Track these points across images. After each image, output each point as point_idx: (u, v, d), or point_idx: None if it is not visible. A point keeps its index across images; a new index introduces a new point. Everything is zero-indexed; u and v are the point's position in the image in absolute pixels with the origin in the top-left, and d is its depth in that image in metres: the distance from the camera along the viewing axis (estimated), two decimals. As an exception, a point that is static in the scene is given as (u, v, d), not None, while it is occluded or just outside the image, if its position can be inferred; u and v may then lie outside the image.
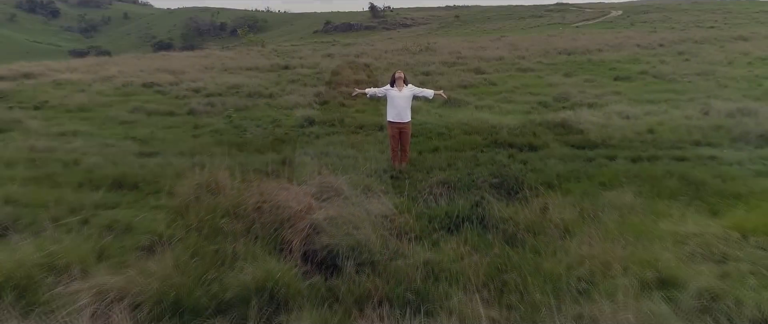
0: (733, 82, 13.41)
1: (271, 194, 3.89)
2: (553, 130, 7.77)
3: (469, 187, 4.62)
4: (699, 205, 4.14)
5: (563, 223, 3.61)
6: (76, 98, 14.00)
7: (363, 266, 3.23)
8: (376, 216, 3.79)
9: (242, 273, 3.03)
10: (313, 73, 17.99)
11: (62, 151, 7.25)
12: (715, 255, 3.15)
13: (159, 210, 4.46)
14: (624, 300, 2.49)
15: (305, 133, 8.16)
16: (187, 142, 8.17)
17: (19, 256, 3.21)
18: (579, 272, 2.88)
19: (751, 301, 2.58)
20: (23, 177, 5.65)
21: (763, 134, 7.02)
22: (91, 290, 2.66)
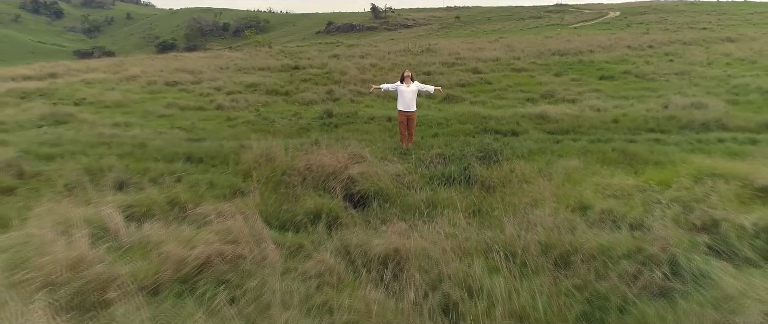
0: (704, 81, 14.96)
1: (316, 159, 5.47)
2: (533, 120, 9.34)
3: (460, 158, 6.18)
4: (627, 169, 5.71)
5: (524, 177, 5.18)
6: (110, 96, 15.60)
7: (384, 203, 4.80)
8: (391, 174, 5.36)
9: (306, 205, 4.60)
10: (322, 73, 19.58)
11: (126, 137, 8.82)
12: (622, 195, 4.71)
13: (228, 174, 6.03)
14: (551, 213, 4.06)
15: (325, 124, 9.74)
16: (225, 130, 9.75)
17: (152, 197, 4.79)
18: (527, 202, 4.44)
19: (632, 215, 4.14)
20: (110, 154, 7.21)
21: (705, 122, 8.59)
22: (216, 210, 4.22)
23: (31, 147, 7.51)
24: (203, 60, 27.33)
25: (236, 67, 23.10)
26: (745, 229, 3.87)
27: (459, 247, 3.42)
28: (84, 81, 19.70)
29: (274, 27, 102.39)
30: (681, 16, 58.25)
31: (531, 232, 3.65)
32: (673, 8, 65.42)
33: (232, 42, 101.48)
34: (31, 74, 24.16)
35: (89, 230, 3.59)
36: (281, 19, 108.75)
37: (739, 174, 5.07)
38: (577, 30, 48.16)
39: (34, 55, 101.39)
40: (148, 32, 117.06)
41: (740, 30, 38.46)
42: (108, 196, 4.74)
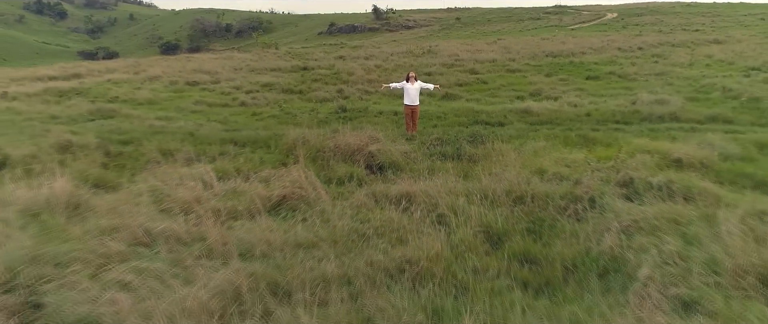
0: (678, 81, 16.64)
1: (342, 140, 7.20)
2: (518, 114, 11.06)
3: (454, 142, 7.90)
4: (582, 148, 7.43)
5: (501, 153, 6.90)
6: (140, 94, 17.35)
7: (396, 171, 6.52)
8: (400, 151, 7.09)
9: (339, 171, 6.33)
10: (331, 74, 21.31)
11: (174, 127, 10.54)
12: (572, 164, 6.43)
13: (273, 154, 7.75)
14: (515, 174, 5.77)
15: (341, 117, 11.46)
16: (255, 123, 11.47)
17: (223, 166, 6.51)
18: (500, 168, 6.16)
19: (574, 176, 5.85)
20: (168, 140, 8.93)
21: (662, 115, 10.31)
22: (274, 174, 5.94)
23: (102, 135, 9.23)
24: (216, 61, 29.09)
25: (249, 68, 24.83)
26: (651, 183, 5.58)
27: (449, 191, 5.14)
28: (110, 81, 21.44)
29: (276, 28, 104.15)
30: (676, 17, 59.72)
31: (499, 184, 5.37)
32: (670, 10, 67.05)
33: (236, 43, 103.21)
34: (56, 74, 25.93)
35: (197, 182, 5.32)
36: (283, 20, 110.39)
37: (663, 151, 6.79)
38: (574, 32, 49.82)
39: (39, 55, 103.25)
40: (151, 33, 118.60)
41: (730, 32, 40.13)
42: (191, 166, 6.46)
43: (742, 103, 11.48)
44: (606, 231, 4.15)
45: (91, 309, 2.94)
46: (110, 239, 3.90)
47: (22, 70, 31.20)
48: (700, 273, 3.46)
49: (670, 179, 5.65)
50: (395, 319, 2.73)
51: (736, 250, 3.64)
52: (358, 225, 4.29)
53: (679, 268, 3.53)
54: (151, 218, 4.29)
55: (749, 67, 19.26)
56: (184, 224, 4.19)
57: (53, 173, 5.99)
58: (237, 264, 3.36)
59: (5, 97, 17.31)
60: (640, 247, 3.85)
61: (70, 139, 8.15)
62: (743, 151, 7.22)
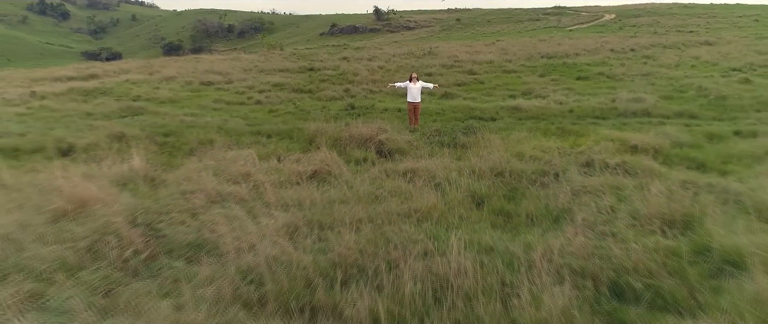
0: (661, 81, 18.03)
1: (355, 130, 8.63)
2: (509, 110, 12.48)
3: (450, 133, 9.31)
4: (558, 138, 8.84)
5: (489, 141, 8.31)
6: (160, 93, 18.78)
7: (402, 155, 7.93)
8: (405, 140, 8.51)
9: (355, 154, 7.75)
10: (337, 74, 22.73)
11: (202, 122, 11.95)
12: (547, 149, 7.84)
13: (297, 142, 9.16)
14: (498, 156, 7.19)
15: (350, 113, 12.88)
16: (274, 119, 12.89)
17: (259, 151, 7.92)
18: (487, 152, 7.58)
19: (546, 158, 7.26)
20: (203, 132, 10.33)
21: (635, 111, 11.72)
22: (303, 157, 7.36)
23: (145, 128, 10.65)
24: (225, 62, 30.52)
25: (258, 69, 26.26)
26: (607, 164, 6.98)
27: (445, 167, 6.55)
28: (128, 81, 22.86)
29: (278, 28, 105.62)
30: (673, 19, 60.89)
31: (485, 163, 6.79)
32: (667, 11, 68.40)
33: (238, 43, 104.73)
34: (74, 75, 27.36)
35: (245, 161, 6.74)
36: (285, 21, 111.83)
37: (624, 139, 8.22)
38: (572, 33, 51.21)
39: (42, 56, 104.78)
40: (153, 33, 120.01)
41: (723, 33, 41.45)
42: (233, 151, 7.88)
43: (709, 101, 12.89)
44: (561, 193, 5.56)
45: (198, 235, 4.35)
46: (192, 197, 5.32)
47: (39, 70, 32.63)
48: (623, 219, 4.87)
49: (624, 161, 7.07)
50: (405, 239, 4.13)
51: (652, 205, 5.05)
52: (374, 189, 5.70)
53: (608, 216, 4.95)
54: (219, 184, 5.71)
55: (731, 68, 20.67)
56: (245, 189, 5.61)
57: (120, 157, 7.42)
58: (293, 211, 4.77)
59: (35, 96, 18.73)
60: (584, 203, 5.27)
61: (122, 130, 9.58)
62: (693, 140, 8.64)
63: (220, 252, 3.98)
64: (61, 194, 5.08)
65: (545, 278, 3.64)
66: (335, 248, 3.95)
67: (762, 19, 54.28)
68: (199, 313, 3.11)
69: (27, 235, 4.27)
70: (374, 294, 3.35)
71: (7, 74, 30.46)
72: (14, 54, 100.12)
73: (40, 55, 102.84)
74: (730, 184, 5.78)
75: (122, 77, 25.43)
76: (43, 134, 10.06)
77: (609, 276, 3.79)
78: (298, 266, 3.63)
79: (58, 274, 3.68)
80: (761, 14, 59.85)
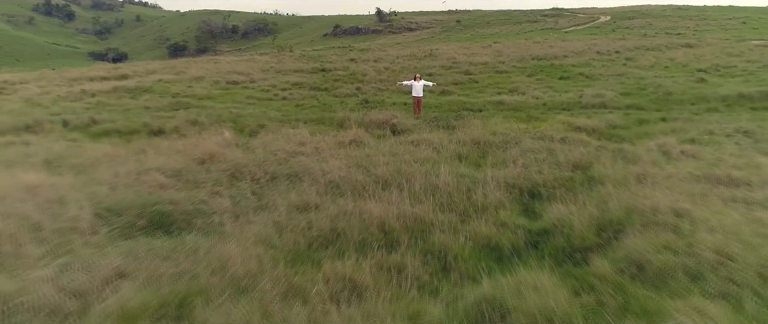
0: (630, 80, 21.12)
1: (374, 116, 11.82)
2: (494, 104, 15.64)
3: (445, 119, 12.48)
4: (524, 122, 12.00)
5: (473, 124, 11.47)
6: (196, 91, 21.92)
7: (409, 133, 11.11)
8: (411, 123, 11.69)
9: (374, 132, 10.93)
10: (347, 74, 25.90)
11: (246, 113, 15.07)
12: (514, 130, 11.00)
13: (330, 126, 12.30)
14: (478, 133, 10.36)
15: (365, 106, 16.02)
16: (303, 111, 16.03)
17: (309, 130, 11.09)
18: (470, 130, 10.74)
19: (512, 136, 10.43)
20: (253, 119, 13.46)
21: (595, 104, 14.86)
22: (340, 133, 10.54)
23: (208, 116, 13.79)
24: (243, 63, 33.68)
25: (275, 70, 29.42)
26: (553, 137, 10.12)
27: (439, 139, 9.71)
28: (161, 81, 26.01)
29: (281, 29, 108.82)
30: (665, 21, 63.76)
31: (467, 136, 9.95)
32: (660, 13, 71.45)
33: (242, 44, 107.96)
34: (107, 75, 30.51)
35: (298, 137, 9.90)
36: (288, 22, 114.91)
37: (573, 122, 11.37)
38: (567, 34, 54.29)
39: (50, 56, 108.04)
40: (158, 34, 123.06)
41: (707, 35, 44.54)
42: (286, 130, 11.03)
43: (658, 96, 16.04)
44: (513, 152, 8.72)
45: (291, 170, 7.49)
46: (276, 153, 8.47)
47: (72, 70, 35.79)
48: (548, 164, 8.00)
49: (567, 136, 10.22)
50: (414, 170, 7.26)
51: (569, 158, 8.19)
52: (393, 150, 8.85)
53: (539, 162, 8.08)
54: (290, 147, 8.87)
55: (697, 69, 23.80)
56: (309, 149, 8.76)
57: (203, 135, 10.56)
58: (345, 160, 7.93)
59: (86, 94, 21.88)
60: (527, 157, 8.41)
61: (195, 117, 12.74)
62: (626, 123, 11.80)
63: (311, 176, 7.13)
64: (197, 150, 8.24)
65: (492, 186, 6.78)
66: (374, 174, 7.09)
67: (749, 21, 57.16)
68: (311, 196, 6.25)
69: (191, 168, 7.42)
70: (398, 191, 6.49)
71: (41, 74, 33.61)
72: (23, 54, 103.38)
73: (47, 56, 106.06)
74: (625, 148, 8.93)
75: (152, 77, 28.55)
76: (130, 121, 13.23)
77: (528, 187, 6.94)
78: (357, 180, 6.78)
79: (222, 185, 6.82)
80: (751, 16, 62.65)
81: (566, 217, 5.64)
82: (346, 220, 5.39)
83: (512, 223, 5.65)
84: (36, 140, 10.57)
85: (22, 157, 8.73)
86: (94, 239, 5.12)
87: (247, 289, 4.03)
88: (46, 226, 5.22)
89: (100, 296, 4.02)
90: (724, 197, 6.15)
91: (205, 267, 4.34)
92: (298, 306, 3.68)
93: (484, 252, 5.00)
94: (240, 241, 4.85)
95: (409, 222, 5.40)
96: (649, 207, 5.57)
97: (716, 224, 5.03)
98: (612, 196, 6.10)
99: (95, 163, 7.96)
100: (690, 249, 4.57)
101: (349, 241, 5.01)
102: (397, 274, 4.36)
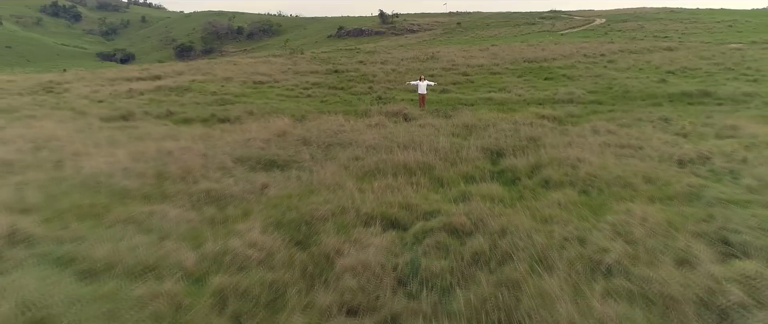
0: (603, 81, 24.95)
1: (390, 108, 15.86)
2: (484, 100, 19.64)
3: (443, 110, 16.49)
4: (503, 113, 16.01)
5: (464, 114, 15.47)
6: (230, 90, 25.89)
7: (416, 120, 15.14)
8: (418, 112, 15.72)
9: (391, 119, 14.96)
10: (359, 75, 29.89)
11: (284, 107, 19.01)
12: (495, 118, 15.00)
13: (356, 115, 16.30)
14: (468, 118, 14.37)
15: (380, 102, 20.01)
16: (328, 106, 19.98)
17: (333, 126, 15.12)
18: (462, 117, 14.74)
19: (492, 120, 14.44)
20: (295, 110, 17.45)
21: (565, 100, 18.85)
22: (364, 119, 14.57)
23: (260, 108, 17.76)
24: (262, 65, 37.70)
25: (292, 72, 33.42)
26: (522, 122, 14.09)
27: (439, 123, 13.70)
28: (195, 81, 29.99)
29: (286, 30, 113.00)
30: (657, 23, 67.39)
31: (460, 121, 13.95)
32: (653, 16, 75.36)
33: (247, 45, 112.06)
34: (142, 76, 34.50)
35: (336, 122, 13.92)
36: (292, 23, 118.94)
37: (540, 113, 15.37)
38: (561, 37, 58.18)
39: (59, 56, 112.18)
40: (164, 35, 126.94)
41: (692, 38, 48.45)
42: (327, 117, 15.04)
43: (616, 94, 20.03)
44: (492, 131, 12.70)
45: (337, 140, 11.47)
46: (324, 131, 12.46)
47: (106, 71, 39.79)
48: (512, 137, 11.97)
49: (533, 121, 14.19)
50: (422, 139, 11.23)
51: (530, 132, 12.17)
52: (407, 130, 12.83)
53: (506, 136, 12.05)
54: (333, 127, 12.85)
55: (667, 71, 27.77)
56: (348, 128, 12.74)
57: (265, 121, 14.54)
58: (376, 134, 11.92)
59: (135, 92, 25.88)
60: (500, 134, 12.40)
61: (251, 109, 16.72)
62: (581, 113, 15.75)
63: (355, 143, 11.10)
64: (271, 128, 12.23)
65: (472, 149, 10.74)
66: (396, 141, 11.08)
67: (736, 25, 60.73)
68: (359, 152, 10.24)
69: (273, 140, 11.40)
70: (413, 150, 10.46)
71: (78, 75, 37.60)
72: (33, 55, 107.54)
73: (57, 56, 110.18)
74: (569, 128, 12.90)
75: (183, 78, 32.54)
76: (199, 112, 17.20)
77: (496, 149, 10.91)
78: (386, 144, 10.77)
79: (299, 147, 10.81)
80: (738, 19, 66.14)
81: (514, 164, 9.62)
82: (383, 163, 9.36)
83: (482, 167, 9.62)
84: (141, 125, 14.56)
85: (146, 134, 12.72)
86: (237, 171, 9.10)
87: (337, 188, 8.00)
88: (210, 165, 9.21)
89: (262, 193, 7.99)
90: (616, 154, 10.12)
91: (312, 181, 8.33)
92: (365, 193, 7.67)
93: (464, 179, 8.95)
94: (325, 172, 8.84)
95: (420, 164, 9.37)
96: (564, 157, 9.54)
97: (597, 163, 9.00)
98: (546, 153, 10.07)
99: (203, 137, 11.96)
100: (575, 173, 8.55)
101: (386, 172, 8.97)
102: (415, 185, 8.33)
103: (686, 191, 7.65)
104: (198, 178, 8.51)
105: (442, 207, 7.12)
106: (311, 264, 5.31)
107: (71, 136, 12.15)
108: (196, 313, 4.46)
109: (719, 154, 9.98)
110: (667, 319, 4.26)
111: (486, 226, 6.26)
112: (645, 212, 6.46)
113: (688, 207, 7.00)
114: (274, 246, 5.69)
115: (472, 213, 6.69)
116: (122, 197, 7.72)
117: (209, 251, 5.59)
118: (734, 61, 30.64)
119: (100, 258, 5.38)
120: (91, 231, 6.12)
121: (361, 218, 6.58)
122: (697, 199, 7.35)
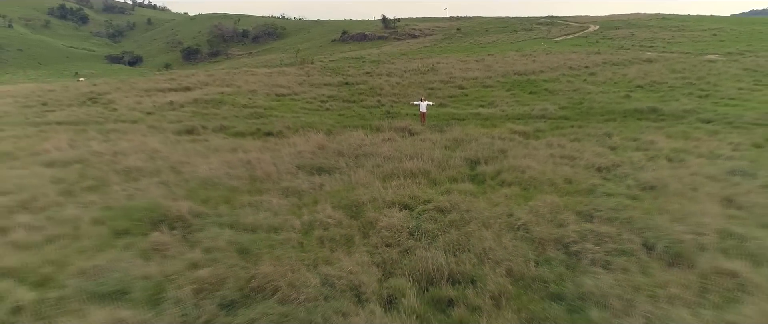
0: (578, 95, 29.82)
1: (396, 124, 20.83)
2: (473, 115, 24.55)
3: (439, 125, 21.41)
4: (486, 128, 20.92)
5: (455, 129, 20.38)
6: (257, 102, 30.75)
7: (418, 134, 20.08)
8: (419, 128, 20.68)
9: (399, 134, 19.92)
10: (368, 88, 34.77)
11: (310, 120, 23.87)
12: (478, 132, 19.92)
13: (372, 129, 21.23)
14: (457, 133, 19.30)
15: (388, 116, 24.89)
16: (346, 119, 24.86)
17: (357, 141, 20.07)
18: (454, 132, 19.65)
19: (474, 134, 19.37)
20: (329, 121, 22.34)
21: (539, 116, 23.71)
22: (377, 134, 19.54)
23: (295, 123, 22.67)
24: (278, 76, 42.58)
25: (308, 84, 38.31)
26: (498, 136, 18.98)
27: (435, 138, 18.61)
28: (223, 93, 34.83)
29: (290, 33, 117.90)
30: (647, 31, 72.07)
31: (451, 135, 18.88)
32: (644, 23, 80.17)
33: (252, 48, 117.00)
34: (172, 87, 39.36)
35: (359, 136, 18.86)
36: (296, 26, 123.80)
37: (515, 128, 20.30)
38: (554, 46, 63.00)
39: (69, 59, 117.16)
40: (170, 37, 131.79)
41: (675, 48, 53.19)
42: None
43: (582, 109, 24.93)
44: (474, 144, 17.61)
45: (362, 152, 16.36)
46: (352, 144, 17.38)
47: (140, 81, 44.68)
48: (488, 149, 16.88)
49: (506, 136, 19.08)
50: (423, 150, 16.11)
51: (501, 146, 17.07)
52: (411, 143, 17.71)
53: (483, 149, 16.94)
54: (358, 141, 17.75)
55: (637, 85, 32.65)
56: (368, 142, 17.62)
57: (302, 134, 19.46)
58: (389, 148, 16.81)
59: (176, 105, 30.76)
60: (481, 146, 17.30)
61: (290, 124, 21.62)
62: (547, 128, 20.62)
63: (375, 154, 15.98)
64: (312, 142, 17.15)
65: (458, 159, 15.62)
66: (404, 153, 15.98)
67: (720, 33, 65.34)
68: (379, 161, 15.14)
69: (316, 151, 16.31)
70: (417, 161, 15.35)
71: (114, 86, 42.45)
72: (44, 57, 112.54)
73: (66, 59, 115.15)
74: (531, 142, 17.78)
75: (209, 89, 37.45)
76: (246, 127, 22.07)
77: (475, 159, 15.80)
78: (397, 155, 15.67)
79: (336, 157, 15.71)
80: (724, 28, 70.73)
81: (485, 170, 14.50)
82: (396, 169, 14.25)
83: (463, 172, 14.49)
84: (209, 138, 19.44)
85: (219, 147, 17.61)
86: (301, 175, 13.99)
87: (368, 186, 12.89)
88: (281, 171, 14.12)
89: (321, 189, 12.88)
90: (556, 162, 14.98)
91: (351, 181, 13.24)
92: (387, 189, 12.58)
93: (450, 180, 13.80)
94: (359, 175, 13.73)
95: (421, 170, 14.24)
96: (518, 165, 14.41)
97: (539, 169, 13.88)
98: (507, 162, 14.93)
99: (263, 149, 16.85)
100: (522, 176, 13.45)
101: (399, 175, 13.84)
102: (418, 184, 13.21)
103: (587, 188, 12.53)
104: (277, 179, 13.41)
105: (434, 197, 11.99)
106: (363, 225, 10.21)
107: (167, 149, 17.05)
108: (310, 247, 9.36)
109: (628, 163, 14.85)
110: (540, 250, 9.12)
111: (459, 208, 11.11)
112: (553, 200, 11.32)
113: (582, 197, 11.87)
114: (340, 217, 10.58)
115: (452, 200, 11.54)
116: (234, 192, 12.62)
117: (306, 220, 10.49)
118: (700, 74, 35.40)
119: (249, 223, 10.29)
120: (240, 210, 11.01)
121: (386, 203, 11.44)
122: (591, 193, 12.22)
